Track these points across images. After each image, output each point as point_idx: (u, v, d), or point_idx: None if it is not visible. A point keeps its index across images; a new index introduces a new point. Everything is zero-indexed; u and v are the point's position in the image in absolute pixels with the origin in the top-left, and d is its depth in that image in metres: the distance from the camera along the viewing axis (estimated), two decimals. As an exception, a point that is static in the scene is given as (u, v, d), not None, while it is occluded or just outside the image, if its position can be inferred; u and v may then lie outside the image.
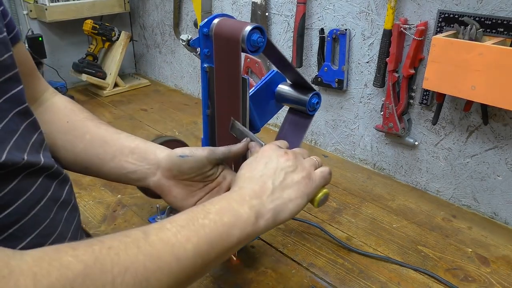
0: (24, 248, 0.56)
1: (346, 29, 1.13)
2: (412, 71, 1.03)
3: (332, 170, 0.65)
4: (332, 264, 0.86)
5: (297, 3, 1.20)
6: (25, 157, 0.52)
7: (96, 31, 1.69)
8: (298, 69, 1.25)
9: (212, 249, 0.46)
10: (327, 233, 0.92)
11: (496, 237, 0.95)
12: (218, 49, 0.67)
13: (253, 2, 1.36)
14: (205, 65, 0.70)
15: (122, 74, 1.92)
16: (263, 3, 1.33)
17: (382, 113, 1.12)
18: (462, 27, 0.90)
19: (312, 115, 0.80)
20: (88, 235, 0.82)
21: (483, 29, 0.88)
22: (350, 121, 1.24)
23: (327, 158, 1.29)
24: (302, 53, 1.26)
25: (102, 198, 1.05)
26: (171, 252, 0.43)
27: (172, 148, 0.96)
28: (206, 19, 0.67)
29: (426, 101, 1.04)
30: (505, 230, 0.97)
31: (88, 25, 1.66)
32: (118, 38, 1.75)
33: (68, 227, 0.64)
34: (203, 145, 0.78)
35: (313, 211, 1.02)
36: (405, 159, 1.15)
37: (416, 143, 1.10)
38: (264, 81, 0.79)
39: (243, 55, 0.69)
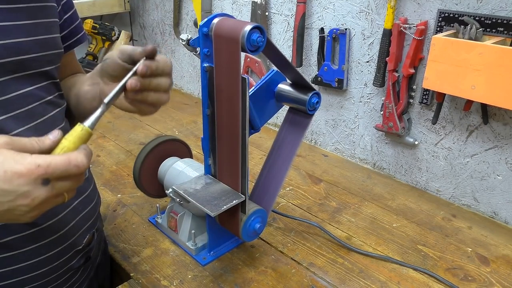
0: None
1: (346, 29, 1.13)
2: (412, 71, 1.03)
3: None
4: (332, 263, 0.86)
5: (297, 2, 1.20)
6: None
7: (96, 31, 1.69)
8: (298, 69, 1.25)
9: None
10: (327, 233, 0.92)
11: (496, 236, 0.95)
12: (218, 48, 0.67)
13: (253, 2, 1.36)
14: (205, 65, 0.70)
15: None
16: (263, 2, 1.33)
17: (382, 112, 1.12)
18: (462, 26, 0.90)
19: (312, 115, 0.80)
20: (98, 230, 0.84)
21: (483, 29, 0.88)
22: (350, 120, 1.24)
23: (327, 157, 1.29)
24: (302, 52, 1.26)
25: (102, 197, 1.05)
26: None
27: (173, 148, 0.96)
28: (206, 19, 0.67)
29: (426, 101, 1.04)
30: (505, 230, 0.97)
31: (88, 24, 1.66)
32: (118, 38, 1.75)
33: (74, 215, 0.72)
34: (203, 145, 0.78)
35: (313, 210, 1.02)
36: (405, 159, 1.15)
37: (416, 142, 1.10)
38: (264, 81, 0.79)
39: (243, 54, 0.69)
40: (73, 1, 0.76)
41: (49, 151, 0.48)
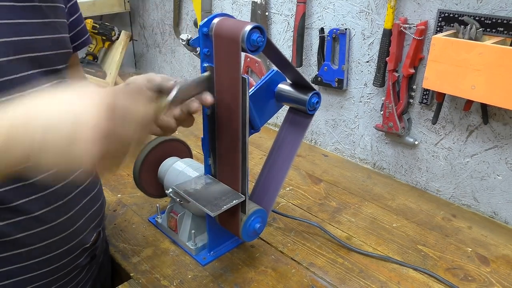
0: (35, 218, 0.64)
1: (346, 29, 1.13)
2: (412, 71, 1.03)
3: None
4: (332, 263, 0.86)
5: (297, 2, 1.20)
6: None
7: (96, 31, 1.68)
8: (298, 69, 1.25)
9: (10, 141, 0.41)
10: (327, 233, 0.92)
11: (496, 236, 0.95)
12: (218, 48, 0.67)
13: (253, 2, 1.36)
14: (205, 65, 0.70)
15: (122, 74, 1.92)
16: (263, 2, 1.33)
17: (382, 112, 1.12)
18: (462, 26, 0.90)
19: (312, 115, 0.80)
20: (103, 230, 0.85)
21: (483, 29, 0.88)
22: (350, 120, 1.24)
23: (327, 157, 1.29)
24: (302, 52, 1.26)
25: (102, 197, 1.05)
26: None
27: (173, 148, 0.96)
28: (206, 19, 0.67)
29: (426, 101, 1.04)
30: (505, 230, 0.97)
31: (88, 24, 1.66)
32: (118, 38, 1.75)
33: (82, 214, 0.73)
34: (203, 145, 0.78)
35: (313, 210, 1.02)
36: (405, 159, 1.15)
37: (416, 142, 1.10)
38: (264, 81, 0.79)
39: (243, 54, 0.69)
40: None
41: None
